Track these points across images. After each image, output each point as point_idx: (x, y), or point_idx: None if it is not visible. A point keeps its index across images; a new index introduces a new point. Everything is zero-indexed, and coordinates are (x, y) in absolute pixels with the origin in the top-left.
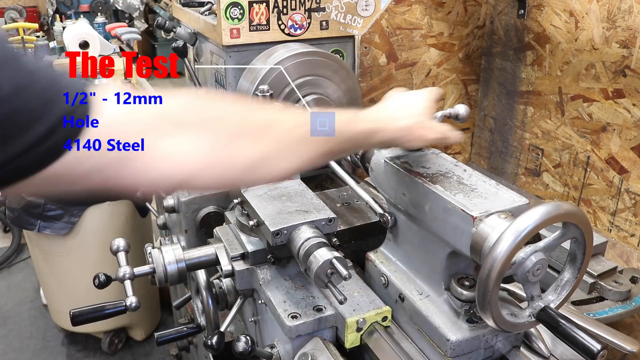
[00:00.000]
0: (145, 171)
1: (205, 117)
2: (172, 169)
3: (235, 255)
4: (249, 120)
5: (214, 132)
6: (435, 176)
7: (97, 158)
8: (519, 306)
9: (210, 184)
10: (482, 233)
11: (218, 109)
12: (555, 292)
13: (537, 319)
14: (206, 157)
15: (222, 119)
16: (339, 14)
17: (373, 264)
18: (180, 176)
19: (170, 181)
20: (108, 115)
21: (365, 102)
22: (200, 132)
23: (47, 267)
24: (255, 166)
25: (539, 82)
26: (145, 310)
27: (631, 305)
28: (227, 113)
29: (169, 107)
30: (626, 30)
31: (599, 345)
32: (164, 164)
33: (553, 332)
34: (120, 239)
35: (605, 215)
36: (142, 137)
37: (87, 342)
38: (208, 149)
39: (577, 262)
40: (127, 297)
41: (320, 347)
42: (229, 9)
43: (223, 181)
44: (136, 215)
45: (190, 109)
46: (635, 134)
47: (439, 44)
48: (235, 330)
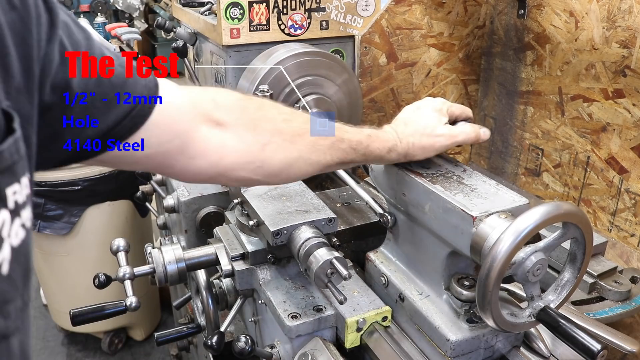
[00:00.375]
0: (194, 159)
1: (249, 117)
2: (215, 160)
3: (235, 255)
4: (286, 125)
5: (256, 132)
6: (435, 176)
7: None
8: (519, 306)
9: (246, 178)
10: (482, 233)
11: (261, 111)
12: (555, 292)
13: (537, 319)
14: (246, 154)
15: (264, 121)
16: (339, 14)
17: (373, 264)
18: (220, 168)
19: (212, 171)
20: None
21: (365, 102)
22: (243, 131)
23: (47, 267)
24: (288, 167)
25: (539, 82)
26: (145, 310)
27: (631, 305)
28: (268, 117)
29: (220, 101)
30: (626, 30)
31: (599, 345)
32: (210, 154)
33: (553, 332)
34: (120, 239)
35: (605, 215)
36: (195, 127)
37: (87, 342)
38: (248, 146)
39: (577, 262)
40: (127, 297)
41: (320, 347)
42: (229, 9)
43: (257, 177)
44: (136, 215)
45: (236, 109)
46: (635, 134)
47: (439, 44)
48: (235, 330)
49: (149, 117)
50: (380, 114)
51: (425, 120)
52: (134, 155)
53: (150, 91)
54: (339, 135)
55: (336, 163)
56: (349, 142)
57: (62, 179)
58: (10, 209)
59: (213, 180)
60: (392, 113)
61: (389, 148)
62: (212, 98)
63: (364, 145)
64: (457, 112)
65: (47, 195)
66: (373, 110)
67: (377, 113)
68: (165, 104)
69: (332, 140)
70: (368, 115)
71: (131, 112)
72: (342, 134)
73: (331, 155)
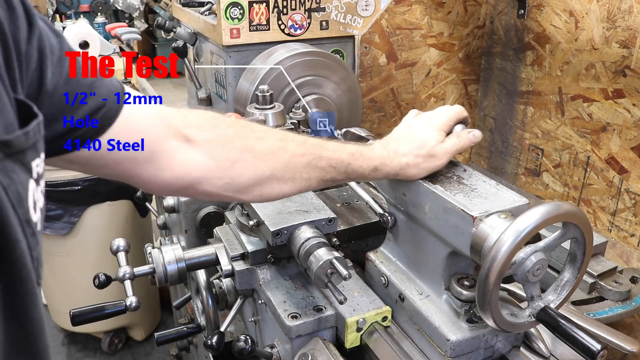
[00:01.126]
0: (161, 170)
1: (218, 134)
2: (182, 173)
3: (235, 255)
4: (259, 143)
5: (225, 149)
6: (435, 176)
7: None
8: (519, 306)
9: (215, 194)
10: (482, 233)
11: (232, 129)
12: (555, 292)
13: (537, 318)
14: (214, 169)
15: (235, 138)
16: (339, 14)
17: (373, 264)
18: (187, 181)
19: (178, 184)
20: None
21: (365, 102)
22: (213, 147)
23: (47, 267)
24: (259, 184)
25: (539, 82)
26: (145, 310)
27: (631, 305)
28: (239, 134)
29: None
30: (626, 30)
31: (599, 345)
32: (177, 167)
33: (553, 332)
34: (120, 239)
35: (605, 215)
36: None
37: (87, 342)
38: (217, 162)
39: (577, 262)
40: (127, 297)
41: (320, 347)
42: (229, 9)
43: (226, 193)
44: (136, 215)
45: (207, 126)
46: (635, 134)
47: (439, 44)
48: (235, 330)
49: (116, 118)
50: (380, 114)
51: (421, 141)
52: (102, 158)
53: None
54: (316, 153)
55: (316, 181)
56: (328, 160)
57: (62, 179)
58: (35, 179)
59: (181, 193)
60: (392, 113)
61: (374, 167)
62: (182, 115)
63: (345, 164)
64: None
65: (47, 195)
66: (373, 110)
67: (377, 113)
68: (133, 109)
69: (309, 159)
70: (368, 115)
71: (98, 112)
72: (320, 152)
73: (308, 173)
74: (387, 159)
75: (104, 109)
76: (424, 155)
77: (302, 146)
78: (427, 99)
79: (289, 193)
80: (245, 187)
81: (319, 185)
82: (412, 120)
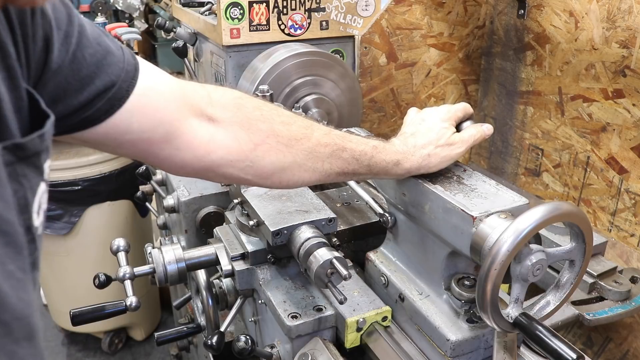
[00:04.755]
0: (180, 150)
1: (244, 115)
2: (203, 153)
3: (235, 255)
4: (284, 128)
5: (250, 131)
6: (435, 176)
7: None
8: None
9: (234, 176)
10: (482, 233)
11: (258, 111)
12: (555, 292)
13: (513, 323)
14: (236, 151)
15: (260, 121)
16: (339, 14)
17: (373, 264)
18: (208, 161)
19: (199, 164)
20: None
21: (365, 102)
22: (237, 128)
23: (47, 267)
24: (280, 171)
25: (539, 82)
26: (145, 310)
27: (631, 305)
28: (265, 117)
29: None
30: (626, 30)
31: (574, 354)
32: (198, 147)
33: (529, 339)
34: (120, 239)
35: (605, 215)
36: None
37: (87, 342)
38: (239, 144)
39: (577, 262)
40: (127, 297)
41: (320, 347)
42: (229, 9)
43: (246, 176)
44: (136, 215)
45: (232, 106)
46: (635, 134)
47: (439, 44)
48: (235, 330)
49: (127, 98)
50: (380, 114)
51: (437, 131)
52: (116, 139)
53: (128, 74)
54: (340, 144)
55: (336, 173)
56: (352, 151)
57: (62, 179)
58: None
59: (200, 175)
60: (392, 113)
61: (396, 161)
62: (207, 93)
63: (368, 156)
64: (460, 115)
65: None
66: (373, 110)
67: (377, 113)
68: (147, 89)
69: (333, 149)
70: (368, 115)
71: (106, 93)
72: (344, 143)
73: (330, 163)
74: (408, 153)
75: (113, 89)
76: (442, 145)
77: (327, 136)
78: (427, 99)
79: (309, 182)
80: (267, 172)
81: (338, 177)
82: (420, 115)
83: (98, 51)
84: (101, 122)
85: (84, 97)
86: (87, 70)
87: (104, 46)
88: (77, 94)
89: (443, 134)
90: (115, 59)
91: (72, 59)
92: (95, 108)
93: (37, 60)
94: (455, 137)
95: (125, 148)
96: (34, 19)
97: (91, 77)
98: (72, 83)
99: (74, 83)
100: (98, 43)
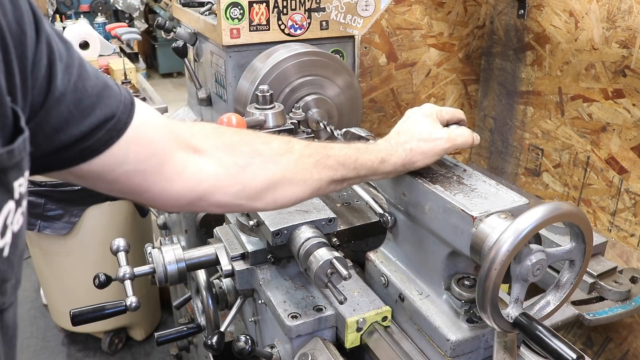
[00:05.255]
0: (172, 182)
1: (225, 141)
2: (194, 184)
3: (235, 255)
4: (265, 147)
5: (234, 155)
6: (435, 176)
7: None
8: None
9: (228, 203)
10: (482, 233)
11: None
12: (555, 292)
13: (513, 323)
14: (225, 177)
15: (241, 145)
16: (339, 14)
17: (373, 264)
18: (199, 191)
19: (190, 195)
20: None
21: (365, 102)
22: (221, 155)
23: (47, 267)
24: (272, 188)
25: (539, 82)
26: (145, 310)
27: (631, 305)
28: (245, 140)
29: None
30: (626, 30)
31: (574, 354)
32: (188, 178)
33: (528, 339)
34: (120, 239)
35: (605, 215)
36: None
37: (87, 342)
38: (227, 169)
39: (577, 262)
40: (127, 297)
41: (320, 347)
42: (229, 9)
43: (239, 201)
44: (136, 215)
45: (213, 135)
46: (635, 134)
47: (439, 44)
48: (235, 330)
49: (125, 130)
50: (380, 114)
51: (420, 126)
52: (113, 171)
53: (126, 107)
54: (323, 152)
55: (327, 182)
56: (335, 157)
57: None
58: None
59: (193, 206)
60: (392, 113)
61: (381, 158)
62: (189, 127)
63: (353, 159)
64: (447, 117)
65: (47, 195)
66: (373, 110)
67: (377, 113)
68: (142, 122)
69: (317, 158)
70: (368, 115)
71: (106, 124)
72: (327, 151)
73: (318, 173)
74: (392, 149)
75: (112, 121)
76: (425, 139)
77: (308, 147)
78: (427, 99)
79: (302, 196)
80: (258, 192)
81: (329, 186)
82: (406, 114)
83: (97, 84)
84: (100, 153)
85: (85, 127)
86: (88, 100)
87: (103, 80)
88: (79, 124)
89: (424, 128)
90: (113, 92)
91: (74, 89)
92: (96, 138)
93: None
94: (439, 133)
95: (121, 182)
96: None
97: (92, 108)
98: (74, 112)
99: (76, 113)
100: (97, 77)
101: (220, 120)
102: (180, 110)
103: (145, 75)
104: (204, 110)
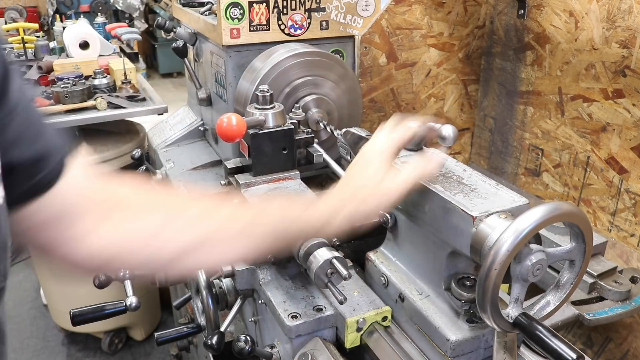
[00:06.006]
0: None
1: (146, 205)
2: (99, 247)
3: None
4: (186, 210)
5: (150, 218)
6: (435, 176)
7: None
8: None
9: (138, 265)
10: (482, 233)
11: (161, 198)
12: (555, 292)
13: (513, 323)
14: (137, 240)
15: (161, 207)
16: (339, 14)
17: (373, 264)
18: (106, 255)
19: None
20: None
21: (365, 102)
22: (137, 217)
23: (47, 267)
24: (190, 251)
25: (539, 82)
26: (145, 310)
27: (631, 305)
28: (167, 203)
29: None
30: (626, 31)
31: (574, 354)
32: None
33: (529, 339)
34: None
35: (605, 215)
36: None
37: (87, 342)
38: (140, 232)
39: (577, 262)
40: (127, 297)
41: (320, 347)
42: (229, 9)
43: (152, 264)
44: None
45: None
46: (635, 134)
47: (439, 44)
48: (235, 330)
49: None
50: (380, 114)
51: (365, 178)
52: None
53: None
54: (249, 220)
55: (253, 252)
56: (264, 226)
57: None
58: None
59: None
60: (392, 113)
61: (317, 229)
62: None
63: (283, 228)
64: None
65: None
66: (373, 110)
67: (377, 113)
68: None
69: (243, 225)
70: (368, 115)
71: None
72: (256, 219)
73: (241, 243)
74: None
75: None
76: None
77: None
78: (427, 99)
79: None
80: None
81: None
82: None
83: (44, 118)
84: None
85: (36, 149)
86: (39, 125)
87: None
88: (32, 144)
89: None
90: (56, 132)
91: (26, 109)
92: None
93: None
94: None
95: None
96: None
97: (42, 133)
98: (26, 131)
99: (28, 132)
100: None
101: (220, 120)
102: (180, 110)
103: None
104: (204, 110)
